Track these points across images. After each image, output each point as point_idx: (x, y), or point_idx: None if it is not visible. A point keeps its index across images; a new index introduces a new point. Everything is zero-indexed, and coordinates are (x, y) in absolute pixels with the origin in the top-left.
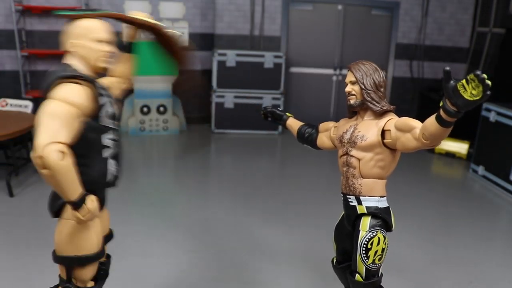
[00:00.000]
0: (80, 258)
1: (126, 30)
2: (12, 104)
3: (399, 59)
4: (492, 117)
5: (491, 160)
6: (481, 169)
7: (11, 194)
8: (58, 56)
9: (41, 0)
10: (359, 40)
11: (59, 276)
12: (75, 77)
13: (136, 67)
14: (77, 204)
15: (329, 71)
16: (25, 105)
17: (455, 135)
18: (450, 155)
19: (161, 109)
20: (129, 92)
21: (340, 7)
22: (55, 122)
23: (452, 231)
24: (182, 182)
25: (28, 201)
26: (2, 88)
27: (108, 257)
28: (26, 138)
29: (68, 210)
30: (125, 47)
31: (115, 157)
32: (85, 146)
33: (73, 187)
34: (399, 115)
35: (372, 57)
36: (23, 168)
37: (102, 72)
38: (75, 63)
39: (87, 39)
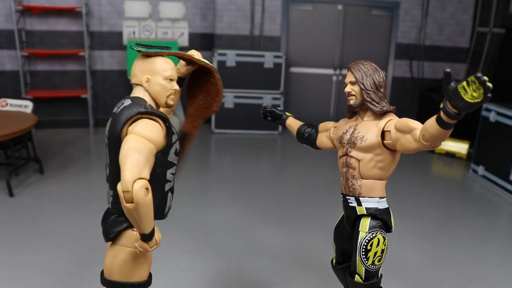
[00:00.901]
0: (133, 285)
1: (181, 67)
2: (12, 104)
3: (399, 59)
4: (492, 117)
5: (491, 160)
6: (481, 169)
7: (11, 194)
8: (58, 56)
9: (41, 0)
10: (359, 40)
11: None
12: (153, 114)
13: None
14: (149, 237)
15: (329, 71)
16: (25, 105)
17: (455, 135)
18: (450, 155)
19: None
20: (129, 91)
21: (340, 7)
22: (141, 158)
23: (452, 231)
24: (182, 182)
25: (28, 201)
26: (2, 88)
27: None
28: (26, 138)
29: (128, 238)
30: (180, 85)
31: (172, 190)
32: (152, 181)
33: (150, 221)
34: (399, 115)
35: (372, 57)
36: (23, 168)
37: (169, 109)
38: (147, 98)
39: (161, 77)
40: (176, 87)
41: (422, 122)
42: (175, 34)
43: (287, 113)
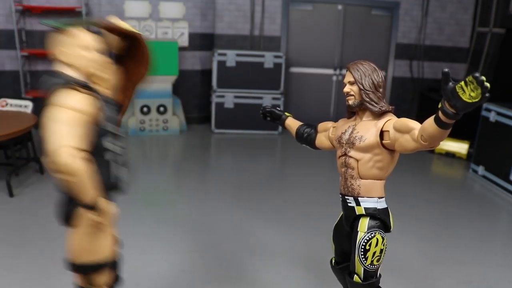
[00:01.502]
0: (97, 265)
1: (108, 40)
2: (12, 104)
3: (399, 59)
4: (492, 117)
5: (491, 160)
6: (481, 169)
7: (11, 194)
8: None
9: (41, 0)
10: (359, 40)
11: (76, 285)
12: (73, 84)
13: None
14: (93, 206)
15: (329, 71)
16: (25, 105)
17: (455, 135)
18: (450, 155)
19: (161, 109)
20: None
21: (340, 7)
22: (63, 128)
23: (452, 231)
24: (182, 182)
25: (28, 201)
26: (2, 88)
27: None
28: (26, 138)
29: (81, 217)
30: (114, 58)
31: (119, 161)
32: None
33: (88, 189)
34: (399, 115)
35: (372, 57)
36: (23, 168)
37: (90, 78)
38: (67, 70)
39: (75, 46)
40: (95, 55)
41: (422, 122)
42: (175, 34)
43: (286, 113)
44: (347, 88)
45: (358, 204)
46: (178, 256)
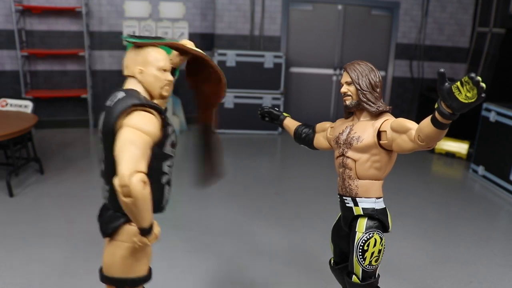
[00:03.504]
0: (134, 280)
1: (174, 57)
2: (12, 104)
3: (399, 59)
4: (492, 117)
5: (491, 160)
6: (481, 169)
7: (11, 194)
8: (58, 56)
9: (41, 0)
10: (359, 40)
11: None
12: (148, 106)
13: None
14: (148, 231)
15: (329, 71)
16: (25, 105)
17: (455, 135)
18: (450, 155)
19: None
20: None
21: (340, 7)
22: (137, 152)
23: (452, 231)
24: (182, 182)
25: (28, 201)
26: (2, 88)
27: None
28: (26, 138)
29: (129, 234)
30: (173, 75)
31: (169, 182)
32: (148, 174)
33: (149, 215)
34: (399, 115)
35: (372, 57)
36: (23, 168)
37: (163, 101)
38: (140, 89)
39: (154, 68)
40: (170, 77)
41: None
42: (175, 34)
43: (284, 113)
44: (344, 89)
45: (356, 204)
46: (178, 256)
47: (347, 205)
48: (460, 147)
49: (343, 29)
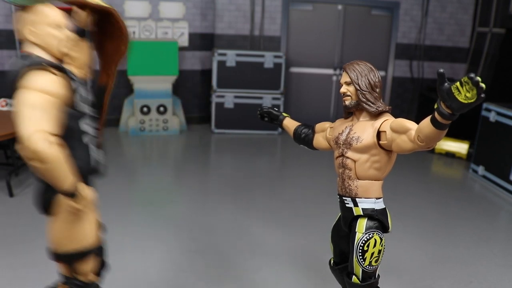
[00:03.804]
0: (81, 252)
1: (77, 16)
2: (12, 104)
3: (399, 59)
4: (492, 117)
5: (491, 160)
6: (481, 169)
7: (11, 194)
8: None
9: None
10: (359, 40)
11: (61, 274)
12: (45, 65)
13: (135, 67)
14: (72, 193)
15: (329, 71)
16: None
17: (455, 135)
18: (450, 155)
19: (161, 109)
20: (129, 91)
21: (340, 7)
22: (36, 112)
23: (452, 231)
24: (182, 182)
25: (28, 201)
26: (2, 88)
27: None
28: None
29: (61, 204)
30: (82, 34)
31: (95, 143)
32: (64, 134)
33: (66, 176)
34: (399, 115)
35: (372, 57)
36: (23, 168)
37: (62, 58)
38: (37, 51)
39: (45, 25)
40: (67, 33)
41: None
42: (175, 34)
43: (284, 113)
44: (343, 89)
45: (356, 205)
46: (178, 256)
47: (346, 205)
48: (460, 147)
49: (343, 29)
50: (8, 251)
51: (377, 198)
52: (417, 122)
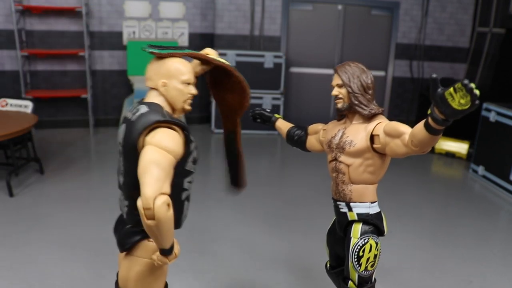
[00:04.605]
0: None
1: (195, 67)
2: (12, 104)
3: (399, 59)
4: (492, 117)
5: (491, 160)
6: (481, 169)
7: (11, 194)
8: (58, 56)
9: (41, 0)
10: (359, 40)
11: None
12: (171, 123)
13: (135, 67)
14: (169, 251)
15: (329, 71)
16: (25, 105)
17: (455, 135)
18: (450, 155)
19: None
20: (129, 91)
21: (340, 7)
22: (161, 173)
23: (452, 231)
24: None
25: (28, 201)
26: (2, 88)
27: None
28: (26, 138)
29: (144, 249)
30: (212, 90)
31: (188, 198)
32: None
33: (171, 236)
34: (399, 115)
35: (372, 57)
36: (23, 168)
37: (183, 114)
38: (162, 103)
39: (178, 81)
40: (194, 91)
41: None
42: (175, 34)
43: (276, 115)
44: (335, 91)
45: (350, 209)
46: (179, 257)
47: (341, 210)
48: (460, 147)
49: (343, 29)
50: (8, 251)
51: (371, 202)
52: (417, 122)
